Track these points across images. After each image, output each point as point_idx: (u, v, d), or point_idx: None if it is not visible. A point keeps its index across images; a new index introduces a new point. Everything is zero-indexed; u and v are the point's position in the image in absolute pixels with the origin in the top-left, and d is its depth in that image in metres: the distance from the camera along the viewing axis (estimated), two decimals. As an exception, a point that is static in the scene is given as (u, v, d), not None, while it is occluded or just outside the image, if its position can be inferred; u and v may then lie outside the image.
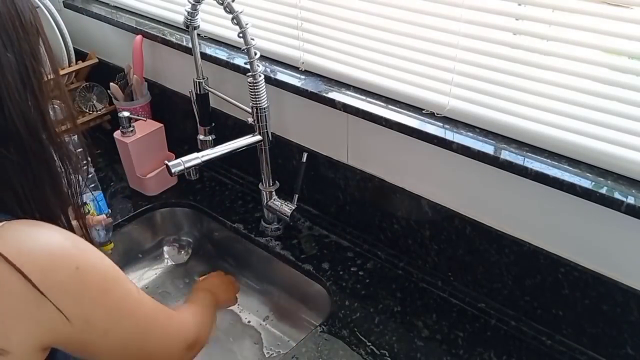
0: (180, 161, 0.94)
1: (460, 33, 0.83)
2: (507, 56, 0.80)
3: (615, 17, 0.69)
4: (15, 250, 0.51)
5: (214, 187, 1.31)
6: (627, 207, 0.72)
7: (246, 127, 1.07)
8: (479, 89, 0.86)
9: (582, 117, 0.77)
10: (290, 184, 1.14)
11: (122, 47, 1.39)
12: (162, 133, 1.29)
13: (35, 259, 0.52)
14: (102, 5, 1.43)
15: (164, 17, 1.30)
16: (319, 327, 0.95)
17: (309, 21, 1.02)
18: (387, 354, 0.90)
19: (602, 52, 0.73)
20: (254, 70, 0.98)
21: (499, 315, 0.96)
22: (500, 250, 0.92)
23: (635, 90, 0.71)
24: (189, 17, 1.00)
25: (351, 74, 1.00)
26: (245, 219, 1.21)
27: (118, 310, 0.60)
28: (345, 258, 1.09)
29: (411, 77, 0.93)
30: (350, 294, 1.01)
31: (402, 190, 1.01)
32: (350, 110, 0.96)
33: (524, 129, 0.83)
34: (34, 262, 0.51)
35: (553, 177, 0.77)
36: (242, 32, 0.94)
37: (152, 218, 1.29)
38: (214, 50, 1.17)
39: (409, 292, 1.01)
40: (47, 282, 0.52)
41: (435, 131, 0.88)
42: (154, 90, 1.38)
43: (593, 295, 0.84)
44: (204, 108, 1.17)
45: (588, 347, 0.88)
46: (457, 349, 0.90)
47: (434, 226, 0.99)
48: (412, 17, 0.87)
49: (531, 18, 0.76)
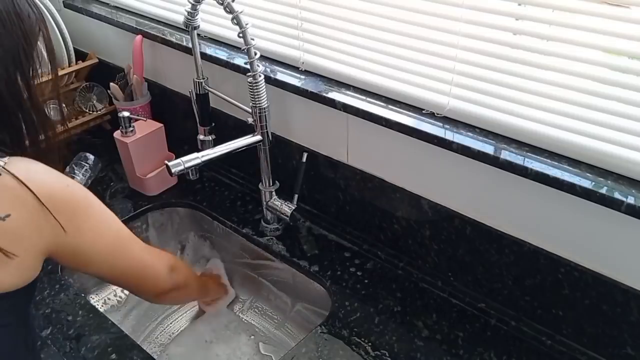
0: (180, 161, 0.94)
1: (460, 33, 0.83)
2: (507, 56, 0.80)
3: (615, 17, 0.69)
4: (24, 174, 0.63)
5: (214, 187, 1.31)
6: (627, 207, 0.72)
7: (246, 127, 1.07)
8: (479, 89, 0.86)
9: (582, 117, 0.77)
10: (290, 184, 1.14)
11: (122, 47, 1.39)
12: (162, 133, 1.29)
13: (40, 181, 0.65)
14: (102, 5, 1.43)
15: (164, 17, 1.30)
16: (319, 327, 0.95)
17: (309, 21, 1.02)
18: (387, 354, 0.90)
19: (602, 52, 0.73)
20: (254, 70, 0.98)
21: (499, 315, 0.96)
22: (500, 250, 0.92)
23: (635, 90, 0.71)
24: (189, 17, 1.00)
25: (351, 74, 1.00)
26: (245, 219, 1.21)
27: (104, 219, 0.74)
28: (345, 258, 1.09)
29: (411, 77, 0.93)
30: (350, 294, 1.01)
31: (402, 190, 1.01)
32: (350, 110, 0.96)
33: (524, 129, 0.83)
34: (38, 183, 0.64)
35: (553, 177, 0.77)
36: (242, 32, 0.94)
37: (152, 218, 1.29)
38: (214, 50, 1.17)
39: (409, 292, 1.01)
40: (48, 197, 0.64)
41: (435, 131, 0.88)
42: (154, 90, 1.38)
43: (593, 295, 0.84)
44: (204, 108, 1.17)
45: (588, 347, 0.88)
46: (457, 349, 0.90)
47: (434, 226, 0.99)
48: (412, 17, 0.87)
49: (531, 18, 0.76)
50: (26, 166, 0.65)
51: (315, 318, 1.11)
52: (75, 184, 0.71)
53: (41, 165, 0.67)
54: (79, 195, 0.71)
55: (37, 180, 0.64)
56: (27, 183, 0.63)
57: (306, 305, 1.14)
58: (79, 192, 0.71)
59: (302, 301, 1.14)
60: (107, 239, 0.74)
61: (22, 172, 0.63)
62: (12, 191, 0.62)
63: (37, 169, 0.67)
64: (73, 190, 0.69)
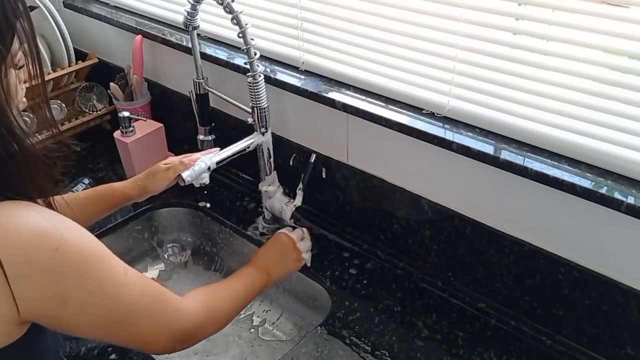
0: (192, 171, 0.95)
1: (460, 33, 0.83)
2: (507, 56, 0.80)
3: (615, 17, 0.69)
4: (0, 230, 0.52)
5: (214, 187, 1.31)
6: (627, 207, 0.72)
7: (246, 127, 1.07)
8: (479, 88, 0.86)
9: (582, 117, 0.77)
10: (290, 184, 1.14)
11: (122, 47, 1.39)
12: (162, 133, 1.29)
13: (16, 241, 0.53)
14: (102, 5, 1.43)
15: (164, 17, 1.30)
16: (319, 327, 0.95)
17: (309, 21, 1.02)
18: (387, 354, 0.90)
19: (602, 52, 0.73)
20: (254, 70, 0.98)
21: (499, 315, 0.96)
22: (500, 250, 0.92)
23: (635, 90, 0.71)
24: (189, 17, 1.00)
25: (351, 74, 1.00)
26: (245, 219, 1.21)
27: (99, 290, 0.60)
28: (345, 258, 1.09)
29: (411, 77, 0.93)
30: (350, 294, 1.01)
31: (402, 190, 1.01)
32: (350, 110, 0.96)
33: (524, 129, 0.83)
34: (14, 244, 0.53)
35: (553, 177, 0.77)
36: (242, 32, 0.94)
37: (152, 218, 1.29)
38: (214, 50, 1.17)
39: (409, 292, 1.01)
40: (27, 262, 0.53)
41: (435, 131, 0.88)
42: (154, 90, 1.38)
43: (593, 295, 0.84)
44: (204, 108, 1.17)
45: (588, 347, 0.88)
46: (457, 349, 0.90)
47: (434, 226, 0.99)
48: (412, 17, 0.87)
49: (531, 18, 0.76)
50: (5, 220, 0.53)
51: (315, 318, 1.11)
52: (75, 243, 0.58)
53: (32, 214, 0.56)
54: (71, 260, 0.57)
55: (12, 240, 0.53)
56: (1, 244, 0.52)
57: (306, 305, 1.14)
58: (72, 255, 0.57)
59: (302, 301, 1.14)
60: (98, 309, 0.61)
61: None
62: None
63: (20, 223, 0.54)
64: (65, 254, 0.56)
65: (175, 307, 0.71)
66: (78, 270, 0.58)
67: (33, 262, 0.54)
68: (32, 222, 0.55)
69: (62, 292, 0.57)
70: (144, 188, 0.97)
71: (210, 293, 0.81)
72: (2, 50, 0.55)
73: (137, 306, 0.65)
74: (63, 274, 0.56)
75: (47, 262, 0.55)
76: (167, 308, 0.69)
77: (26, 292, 0.54)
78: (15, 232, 0.54)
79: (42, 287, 0.55)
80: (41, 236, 0.55)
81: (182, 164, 0.96)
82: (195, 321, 0.73)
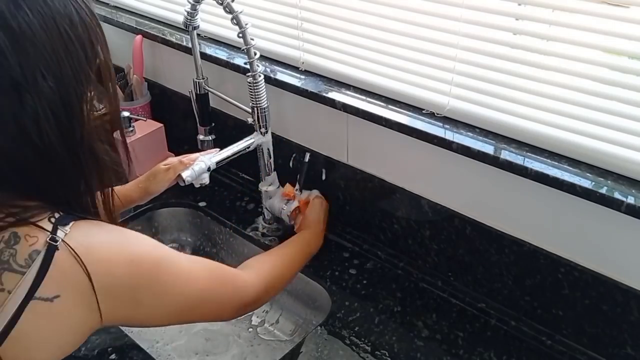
0: (192, 171, 0.95)
1: (460, 33, 0.83)
2: (507, 56, 0.80)
3: (615, 17, 0.69)
4: (84, 250, 0.56)
5: (214, 187, 1.31)
6: (627, 207, 0.72)
7: (246, 127, 1.07)
8: (479, 88, 0.86)
9: (582, 117, 0.77)
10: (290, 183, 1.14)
11: (122, 47, 1.39)
12: (162, 133, 1.29)
13: (99, 257, 0.58)
14: (102, 5, 1.43)
15: (164, 17, 1.31)
16: (319, 327, 0.95)
17: (309, 21, 1.02)
18: (387, 354, 0.90)
19: (602, 52, 0.73)
20: (254, 70, 0.98)
21: (499, 315, 0.96)
22: (500, 250, 0.92)
23: (635, 90, 0.71)
24: (189, 17, 1.00)
25: (351, 74, 1.00)
26: (245, 218, 1.21)
27: (171, 289, 0.65)
28: (345, 258, 1.09)
29: (411, 77, 0.93)
30: (350, 294, 1.01)
31: (402, 190, 1.01)
32: (350, 110, 0.96)
33: (524, 129, 0.83)
34: (97, 260, 0.57)
35: (553, 177, 0.77)
36: (242, 32, 0.94)
37: (152, 218, 1.29)
38: (214, 50, 1.17)
39: (409, 292, 1.01)
40: (109, 274, 0.58)
41: (435, 131, 0.88)
42: (154, 90, 1.38)
43: (593, 295, 0.84)
44: (204, 108, 1.17)
45: (588, 347, 0.88)
46: (457, 349, 0.90)
47: (434, 226, 0.99)
48: (412, 17, 0.88)
49: (531, 18, 0.76)
50: (86, 239, 0.57)
51: (315, 318, 1.11)
52: (145, 252, 0.63)
53: (104, 231, 0.60)
54: (145, 269, 0.62)
55: (96, 257, 0.57)
56: (85, 263, 0.56)
57: (306, 305, 1.14)
58: (145, 264, 0.62)
59: (301, 301, 1.14)
60: (170, 306, 0.66)
61: (82, 247, 0.56)
62: (67, 269, 0.55)
63: (99, 240, 0.59)
64: (139, 264, 0.61)
65: (238, 284, 0.77)
66: (151, 275, 0.62)
67: (113, 275, 0.58)
68: (106, 239, 0.60)
69: (137, 297, 0.62)
70: (145, 190, 0.99)
71: (269, 261, 0.89)
72: (90, 76, 0.58)
73: (204, 292, 0.70)
74: (139, 281, 0.61)
75: (125, 273, 0.59)
76: (231, 287, 0.76)
77: (108, 301, 0.59)
78: (98, 248, 0.58)
79: (121, 296, 0.60)
80: (117, 251, 0.60)
81: (182, 164, 0.97)
82: (257, 293, 0.80)
